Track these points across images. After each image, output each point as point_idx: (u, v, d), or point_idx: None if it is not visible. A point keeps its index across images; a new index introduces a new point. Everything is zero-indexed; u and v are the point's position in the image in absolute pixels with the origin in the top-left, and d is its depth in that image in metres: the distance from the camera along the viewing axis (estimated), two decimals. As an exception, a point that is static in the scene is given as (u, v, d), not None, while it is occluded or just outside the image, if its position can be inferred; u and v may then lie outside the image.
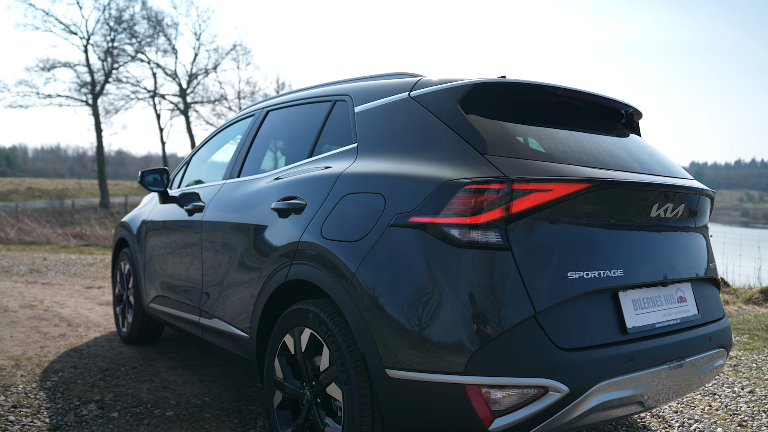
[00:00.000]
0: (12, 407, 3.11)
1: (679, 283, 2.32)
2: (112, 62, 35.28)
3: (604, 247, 2.02)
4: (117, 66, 35.72)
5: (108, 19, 34.46)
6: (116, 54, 35.20)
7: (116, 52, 35.17)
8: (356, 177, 2.28)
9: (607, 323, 1.99)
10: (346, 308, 2.09)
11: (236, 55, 44.51)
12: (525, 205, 1.87)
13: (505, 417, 1.82)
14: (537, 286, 1.85)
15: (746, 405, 3.42)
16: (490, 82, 2.21)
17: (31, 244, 13.27)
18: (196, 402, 3.29)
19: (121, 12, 34.71)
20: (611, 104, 2.58)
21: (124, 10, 34.90)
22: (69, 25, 34.12)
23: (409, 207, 1.99)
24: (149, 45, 36.44)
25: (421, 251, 1.92)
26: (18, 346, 4.35)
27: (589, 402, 1.86)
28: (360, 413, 2.04)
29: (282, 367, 2.48)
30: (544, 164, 1.97)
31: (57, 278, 8.02)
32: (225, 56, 39.82)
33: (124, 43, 35.49)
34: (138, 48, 35.83)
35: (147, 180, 3.82)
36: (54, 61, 34.13)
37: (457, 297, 1.85)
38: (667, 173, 2.41)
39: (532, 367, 1.80)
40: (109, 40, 34.80)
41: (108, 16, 34.68)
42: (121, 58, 35.72)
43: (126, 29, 35.00)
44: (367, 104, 2.50)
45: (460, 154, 2.01)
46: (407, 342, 1.91)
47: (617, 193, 2.04)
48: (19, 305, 5.90)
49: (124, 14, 34.85)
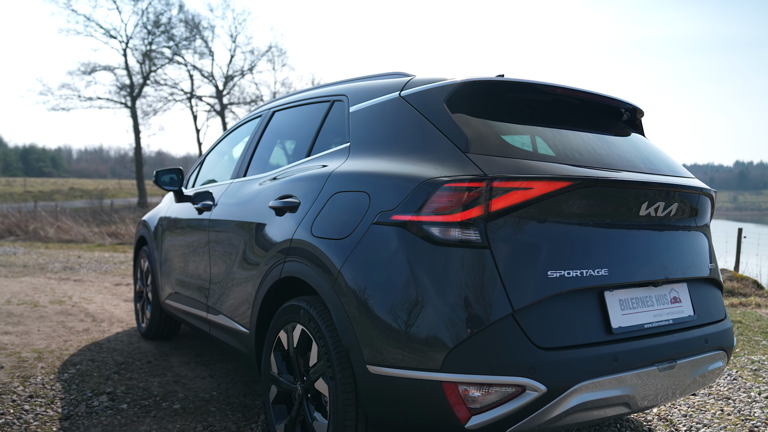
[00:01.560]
0: (29, 397, 3.24)
1: (674, 283, 2.28)
2: (150, 65, 36.20)
3: (588, 246, 2.00)
4: (155, 68, 36.63)
5: (146, 23, 35.37)
6: (154, 57, 36.10)
7: (154, 55, 36.08)
8: (345, 176, 2.31)
9: (591, 323, 1.97)
10: (332, 305, 2.13)
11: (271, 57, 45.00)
12: (504, 203, 1.87)
13: (482, 415, 1.82)
14: (516, 285, 1.85)
15: (761, 410, 3.33)
16: (477, 81, 2.21)
17: (68, 242, 13.72)
18: (203, 396, 3.37)
19: (158, 16, 35.60)
20: (608, 102, 2.55)
21: (161, 13, 35.79)
22: (109, 30, 35.18)
23: (391, 205, 2.01)
24: (186, 48, 37.25)
25: (402, 249, 1.94)
26: (43, 340, 4.53)
27: (569, 402, 1.84)
28: (344, 408, 2.07)
29: (277, 362, 2.53)
30: (527, 163, 1.97)
31: (88, 275, 8.28)
32: (260, 58, 40.41)
33: (162, 46, 36.39)
34: (175, 51, 36.67)
35: (163, 179, 3.94)
36: (95, 64, 35.22)
37: (435, 294, 1.86)
38: (663, 172, 2.37)
39: (508, 365, 1.80)
40: (147, 43, 35.72)
41: (146, 20, 35.57)
42: (158, 61, 36.64)
43: (163, 32, 35.85)
44: (361, 104, 2.53)
45: (443, 153, 2.02)
46: (387, 339, 1.93)
47: (603, 192, 2.02)
48: (49, 301, 6.13)
49: (162, 18, 35.72)
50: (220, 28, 65.66)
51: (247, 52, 42.18)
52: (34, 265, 9.09)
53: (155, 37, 35.89)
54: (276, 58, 47.65)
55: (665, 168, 2.45)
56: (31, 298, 6.19)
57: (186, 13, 40.31)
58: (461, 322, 1.83)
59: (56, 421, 2.94)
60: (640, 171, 2.26)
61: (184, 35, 36.90)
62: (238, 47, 40.86)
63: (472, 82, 2.20)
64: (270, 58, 43.07)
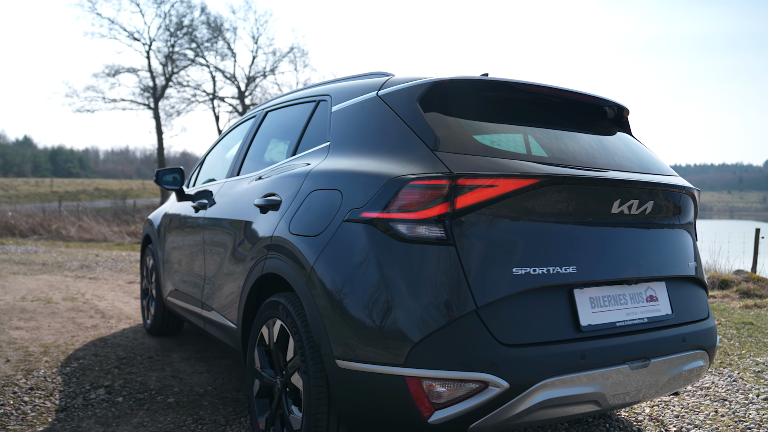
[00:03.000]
0: (29, 389, 3.35)
1: (651, 281, 2.27)
2: (172, 67, 36.73)
3: (556, 243, 2.00)
4: (177, 70, 37.14)
5: (169, 25, 35.92)
6: (176, 59, 36.63)
7: (176, 56, 36.60)
8: (321, 174, 2.35)
9: (559, 320, 1.98)
10: (305, 300, 2.17)
11: (293, 58, 45.20)
12: (470, 200, 1.89)
13: (445, 410, 1.84)
14: (480, 281, 1.87)
15: (756, 412, 3.28)
16: (450, 80, 2.23)
17: (89, 241, 14.01)
18: (198, 390, 3.44)
19: (181, 18, 36.09)
20: (589, 101, 2.54)
21: (184, 16, 36.27)
22: (132, 32, 35.83)
23: (361, 202, 2.05)
24: (208, 49, 37.70)
25: (370, 245, 1.97)
26: (52, 335, 4.65)
27: (533, 398, 1.85)
28: (316, 402, 2.11)
29: (260, 357, 2.58)
30: (495, 160, 1.98)
31: (104, 273, 8.46)
32: (282, 59, 40.65)
33: (184, 48, 36.88)
34: (197, 52, 37.15)
35: (165, 179, 4.03)
36: (119, 66, 35.78)
37: (400, 290, 1.89)
38: (642, 170, 2.36)
39: (471, 361, 1.82)
40: (170, 45, 36.25)
41: (169, 22, 36.12)
42: (181, 63, 37.13)
43: (186, 34, 36.35)
44: (342, 103, 2.57)
45: (412, 151, 2.05)
46: (354, 334, 1.97)
47: (572, 190, 2.03)
48: (62, 297, 6.28)
49: (184, 20, 36.21)
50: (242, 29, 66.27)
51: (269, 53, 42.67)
52: (53, 263, 9.32)
53: (178, 39, 36.41)
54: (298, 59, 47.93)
55: (646, 166, 2.44)
56: (45, 295, 6.36)
57: (208, 15, 40.83)
58: (425, 318, 1.85)
59: (52, 412, 3.04)
60: (617, 169, 2.26)
61: (206, 37, 37.37)
62: (260, 48, 41.21)
63: (444, 81, 2.22)
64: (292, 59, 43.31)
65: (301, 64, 58.59)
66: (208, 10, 50.28)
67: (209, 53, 38.79)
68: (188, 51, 37.25)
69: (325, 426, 2.11)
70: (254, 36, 40.44)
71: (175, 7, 37.20)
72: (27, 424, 2.87)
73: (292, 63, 48.09)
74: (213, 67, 38.55)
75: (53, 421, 2.92)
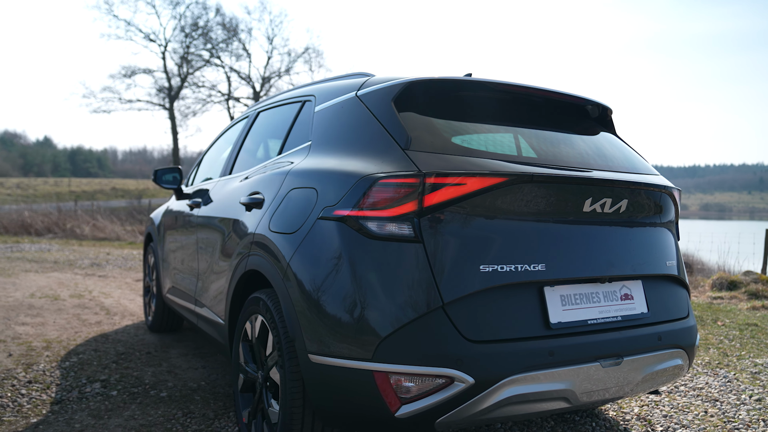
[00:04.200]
0: (27, 382, 3.44)
1: (626, 280, 2.28)
2: (187, 67, 37.10)
3: (525, 241, 2.02)
4: (192, 71, 37.50)
5: (184, 26, 36.28)
6: (191, 59, 36.99)
7: (191, 57, 36.96)
8: (300, 172, 2.40)
9: (527, 317, 2.00)
10: (281, 296, 2.21)
11: (308, 58, 45.34)
12: (437, 198, 1.92)
13: (412, 404, 1.87)
14: (447, 278, 1.90)
15: (747, 413, 3.27)
16: (426, 80, 2.26)
17: (102, 240, 14.22)
18: (191, 385, 3.51)
19: (196, 19, 36.44)
20: (569, 100, 2.56)
21: (199, 17, 36.62)
22: (148, 34, 36.20)
23: (334, 200, 2.09)
24: (223, 50, 38.00)
25: (341, 242, 2.01)
26: (56, 331, 4.76)
27: (499, 394, 1.88)
28: (291, 396, 2.15)
29: (244, 352, 2.63)
30: (464, 159, 2.01)
31: (113, 271, 8.59)
32: (297, 59, 40.83)
33: (200, 49, 37.23)
34: (213, 53, 37.46)
35: (163, 178, 4.11)
36: (135, 67, 36.23)
37: (369, 287, 1.93)
38: (619, 169, 2.37)
39: (436, 356, 1.85)
40: (185, 46, 36.61)
41: (184, 23, 36.48)
42: (196, 63, 37.49)
43: (201, 35, 36.69)
44: (324, 103, 2.61)
45: (384, 150, 2.09)
46: (325, 329, 2.01)
47: (542, 188, 2.05)
48: (70, 294, 6.40)
49: (199, 21, 36.55)
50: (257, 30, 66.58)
51: (284, 53, 42.81)
52: (64, 261, 9.48)
53: (193, 40, 36.77)
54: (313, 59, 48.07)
55: (624, 165, 2.45)
56: (53, 292, 6.49)
57: (223, 16, 41.18)
58: (392, 314, 1.89)
59: (47, 404, 3.12)
60: (594, 168, 2.27)
61: (221, 38, 37.67)
62: (275, 49, 41.41)
63: (419, 81, 2.25)
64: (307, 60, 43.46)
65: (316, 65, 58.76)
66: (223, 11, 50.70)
67: (224, 54, 39.09)
68: (203, 52, 37.59)
69: (300, 419, 2.15)
70: (269, 36, 40.70)
71: (190, 9, 37.64)
72: (22, 416, 2.95)
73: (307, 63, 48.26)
74: (228, 67, 38.86)
75: (47, 413, 3.00)
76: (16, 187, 42.54)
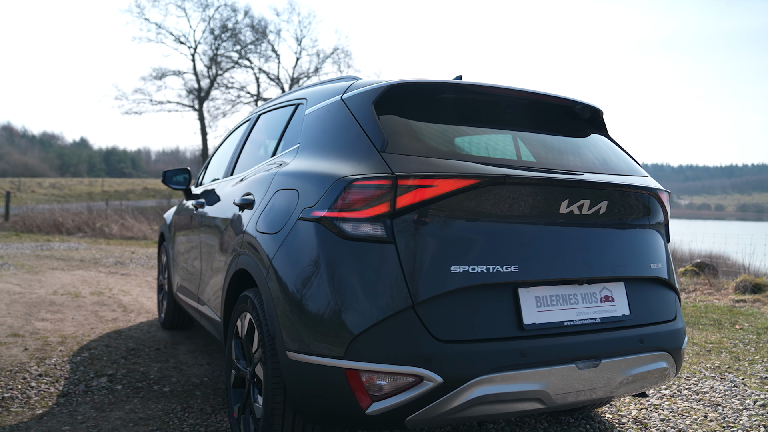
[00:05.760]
0: (38, 375, 3.57)
1: (607, 282, 2.27)
2: (216, 69, 37.74)
3: (498, 242, 2.04)
4: (222, 72, 38.14)
5: (213, 28, 36.90)
6: (220, 61, 37.61)
7: (220, 59, 37.58)
8: (285, 174, 2.46)
9: (501, 318, 2.01)
10: (264, 294, 2.27)
11: (337, 59, 45.58)
12: (410, 200, 1.96)
13: (382, 402, 1.91)
14: (417, 279, 1.93)
15: (748, 418, 3.22)
16: (406, 83, 2.29)
17: (129, 239, 14.57)
18: (194, 381, 3.60)
19: (225, 21, 37.05)
20: (554, 102, 2.56)
21: (228, 19, 37.23)
22: (179, 36, 37.08)
23: (313, 201, 2.14)
24: (252, 51, 38.55)
25: (317, 243, 2.06)
26: (73, 327, 4.92)
27: (468, 394, 1.90)
28: (272, 392, 2.21)
29: (236, 348, 2.70)
30: (438, 161, 2.04)
31: (135, 270, 8.81)
32: (325, 60, 41.16)
33: (229, 51, 37.83)
34: (242, 54, 38.02)
35: (174, 179, 4.21)
36: (165, 69, 37.04)
37: (342, 286, 1.97)
38: (604, 170, 2.37)
39: (405, 355, 1.88)
40: (215, 48, 37.24)
41: (213, 25, 37.11)
42: (225, 65, 38.11)
43: (230, 37, 37.27)
44: (313, 106, 2.67)
45: (362, 152, 2.13)
46: (302, 327, 2.06)
47: (515, 190, 2.06)
48: (90, 292, 6.60)
49: (229, 23, 37.14)
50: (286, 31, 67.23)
51: (312, 54, 43.24)
52: (90, 260, 9.76)
53: (222, 42, 37.40)
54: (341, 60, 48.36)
55: (609, 166, 2.44)
56: (75, 290, 6.69)
57: (252, 17, 41.69)
58: (364, 313, 1.93)
59: (54, 397, 3.24)
60: (572, 169, 2.27)
61: (250, 39, 38.24)
62: (303, 50, 41.80)
63: (400, 84, 2.29)
64: (335, 60, 43.75)
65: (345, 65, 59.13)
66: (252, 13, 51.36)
67: (253, 55, 39.63)
68: (232, 53, 38.19)
69: (281, 415, 2.21)
70: (298, 38, 41.07)
71: (219, 11, 38.25)
72: (28, 407, 3.08)
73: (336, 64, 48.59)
74: (257, 68, 39.39)
75: (53, 405, 3.12)
76: (51, 187, 43.81)
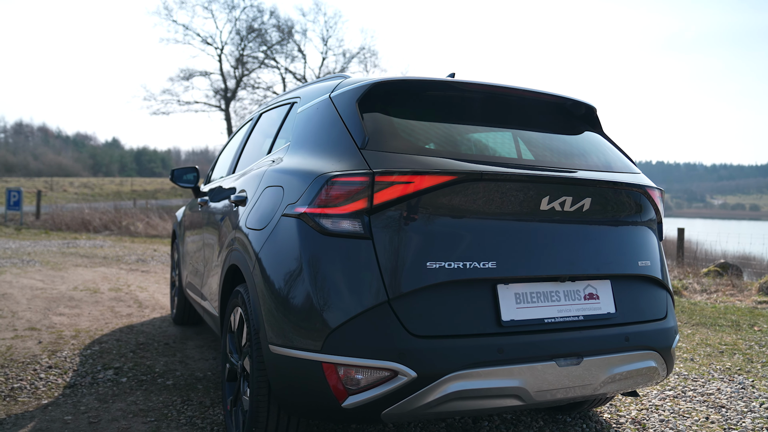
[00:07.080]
0: (48, 367, 3.69)
1: (591, 279, 2.26)
2: (243, 69, 38.21)
3: (476, 239, 2.04)
4: (248, 72, 38.60)
5: (240, 29, 37.36)
6: (246, 61, 38.05)
7: (247, 59, 38.02)
8: (274, 171, 2.50)
9: (478, 314, 2.02)
10: (251, 289, 2.32)
11: (363, 58, 45.65)
12: (387, 196, 1.97)
13: (357, 395, 1.93)
14: (393, 274, 1.95)
15: (752, 421, 3.15)
16: (389, 81, 2.31)
17: (154, 237, 14.86)
18: (198, 375, 3.67)
19: (251, 22, 37.46)
20: (541, 98, 2.54)
21: (254, 20, 37.64)
22: (205, 37, 37.61)
23: (295, 198, 2.17)
24: (279, 51, 38.89)
25: (298, 238, 2.10)
26: (89, 321, 5.06)
27: (443, 389, 1.91)
28: (258, 385, 2.25)
29: (230, 342, 2.75)
30: (415, 158, 2.05)
31: (155, 267, 8.99)
32: (351, 60, 41.30)
33: (255, 51, 38.25)
34: (268, 54, 38.40)
35: (184, 178, 4.30)
36: (192, 70, 37.68)
37: (320, 281, 2.00)
38: (590, 167, 2.35)
39: (380, 350, 1.90)
40: (241, 48, 37.70)
41: (240, 26, 37.58)
42: (251, 65, 38.55)
43: (257, 38, 37.68)
44: (305, 105, 2.70)
45: (344, 149, 2.15)
46: (283, 320, 2.10)
47: (494, 186, 2.06)
48: (109, 288, 6.76)
49: (255, 24, 37.56)
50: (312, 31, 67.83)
51: (338, 54, 43.41)
52: (113, 257, 9.99)
53: (248, 43, 37.83)
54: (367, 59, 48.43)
55: (596, 163, 2.42)
56: (95, 286, 6.87)
57: (278, 18, 42.02)
58: (340, 308, 1.95)
59: (61, 388, 3.34)
60: (555, 166, 2.26)
61: (276, 39, 38.59)
62: (329, 50, 42.04)
63: (384, 82, 2.31)
64: (361, 60, 43.87)
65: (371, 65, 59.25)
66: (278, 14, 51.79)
67: (279, 55, 39.96)
68: (259, 53, 38.58)
69: (265, 407, 2.25)
70: (324, 38, 41.31)
71: (245, 12, 38.64)
72: (35, 397, 3.18)
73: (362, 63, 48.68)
74: (283, 68, 39.72)
75: (58, 396, 3.22)
76: (83, 187, 44.85)
